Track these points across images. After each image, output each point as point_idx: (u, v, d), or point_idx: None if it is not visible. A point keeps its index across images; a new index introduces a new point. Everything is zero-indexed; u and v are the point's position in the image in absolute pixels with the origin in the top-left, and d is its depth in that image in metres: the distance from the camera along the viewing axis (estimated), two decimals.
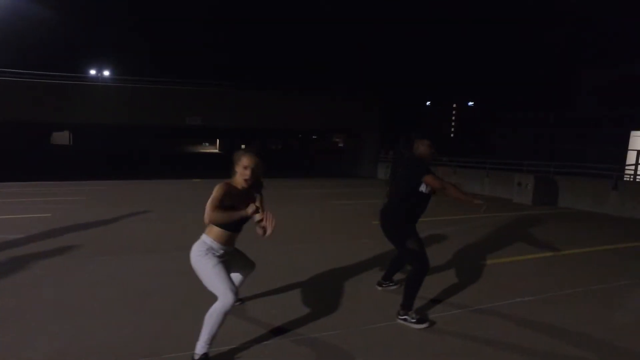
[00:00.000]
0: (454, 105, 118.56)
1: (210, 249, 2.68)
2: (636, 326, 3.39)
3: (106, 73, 33.23)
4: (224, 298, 2.51)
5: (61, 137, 29.90)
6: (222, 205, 2.56)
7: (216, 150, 72.50)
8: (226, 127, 25.78)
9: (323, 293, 3.92)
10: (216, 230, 2.69)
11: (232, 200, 2.62)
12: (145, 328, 3.08)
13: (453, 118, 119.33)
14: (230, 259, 2.85)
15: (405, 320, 3.20)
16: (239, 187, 2.71)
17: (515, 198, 11.08)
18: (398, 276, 4.04)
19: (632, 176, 14.85)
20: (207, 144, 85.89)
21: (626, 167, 15.81)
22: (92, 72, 32.46)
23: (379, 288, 3.99)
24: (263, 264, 4.04)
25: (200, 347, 2.52)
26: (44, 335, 2.92)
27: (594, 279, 4.53)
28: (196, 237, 2.75)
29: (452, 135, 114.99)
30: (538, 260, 5.28)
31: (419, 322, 3.17)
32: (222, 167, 3.87)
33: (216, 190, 2.57)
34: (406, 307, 3.22)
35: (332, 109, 21.21)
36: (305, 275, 4.39)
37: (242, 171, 2.67)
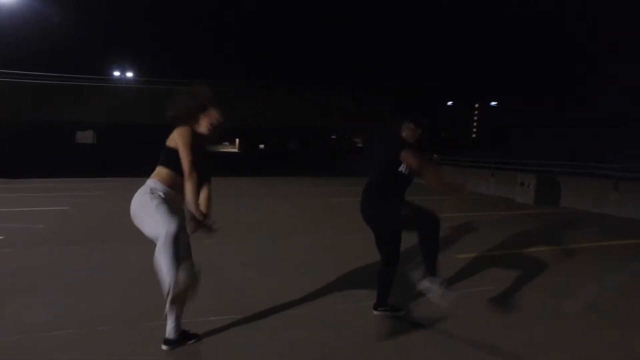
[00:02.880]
0: (476, 105, 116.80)
1: (154, 190, 2.53)
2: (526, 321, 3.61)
3: (129, 74, 34.43)
4: (166, 227, 2.35)
5: (85, 137, 31.26)
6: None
7: (235, 150, 73.68)
8: (241, 127, 26.42)
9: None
10: (161, 171, 2.59)
11: (194, 145, 2.56)
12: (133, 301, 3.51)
13: (475, 118, 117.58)
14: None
15: (428, 288, 2.81)
16: (200, 132, 2.67)
17: (517, 198, 11.16)
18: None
19: None
20: (227, 143, 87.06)
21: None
22: (116, 73, 33.70)
23: (375, 312, 3.34)
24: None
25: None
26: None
27: (530, 275, 4.59)
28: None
29: (474, 135, 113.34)
30: (503, 256, 5.49)
31: (442, 295, 2.78)
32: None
33: (188, 134, 2.54)
34: (431, 272, 2.82)
35: (350, 108, 21.70)
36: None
37: (208, 121, 2.69)
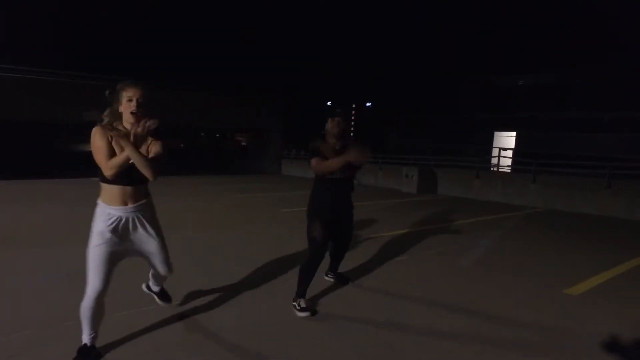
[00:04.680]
0: (353, 106, 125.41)
1: (102, 216, 2.25)
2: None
3: None
4: (89, 287, 2.23)
5: None
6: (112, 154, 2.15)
7: None
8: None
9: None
10: (104, 187, 2.24)
11: (119, 148, 2.15)
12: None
13: (353, 117, 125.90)
14: (132, 235, 2.36)
15: (294, 306, 3.32)
16: (125, 128, 2.22)
17: (403, 188, 12.83)
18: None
19: (496, 167, 17.82)
20: None
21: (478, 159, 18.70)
22: None
23: (326, 277, 4.03)
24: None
25: (83, 337, 2.36)
26: None
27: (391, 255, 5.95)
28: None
29: (351, 134, 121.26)
30: (405, 234, 6.64)
31: (301, 310, 3.26)
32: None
33: (96, 138, 2.13)
34: (298, 293, 3.34)
35: (236, 108, 21.67)
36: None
37: (126, 104, 2.19)
